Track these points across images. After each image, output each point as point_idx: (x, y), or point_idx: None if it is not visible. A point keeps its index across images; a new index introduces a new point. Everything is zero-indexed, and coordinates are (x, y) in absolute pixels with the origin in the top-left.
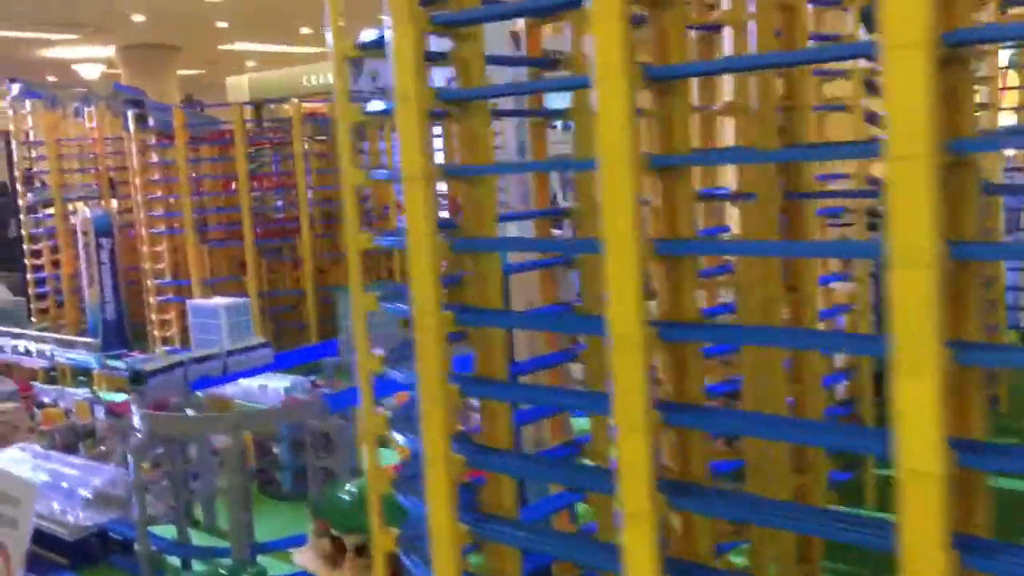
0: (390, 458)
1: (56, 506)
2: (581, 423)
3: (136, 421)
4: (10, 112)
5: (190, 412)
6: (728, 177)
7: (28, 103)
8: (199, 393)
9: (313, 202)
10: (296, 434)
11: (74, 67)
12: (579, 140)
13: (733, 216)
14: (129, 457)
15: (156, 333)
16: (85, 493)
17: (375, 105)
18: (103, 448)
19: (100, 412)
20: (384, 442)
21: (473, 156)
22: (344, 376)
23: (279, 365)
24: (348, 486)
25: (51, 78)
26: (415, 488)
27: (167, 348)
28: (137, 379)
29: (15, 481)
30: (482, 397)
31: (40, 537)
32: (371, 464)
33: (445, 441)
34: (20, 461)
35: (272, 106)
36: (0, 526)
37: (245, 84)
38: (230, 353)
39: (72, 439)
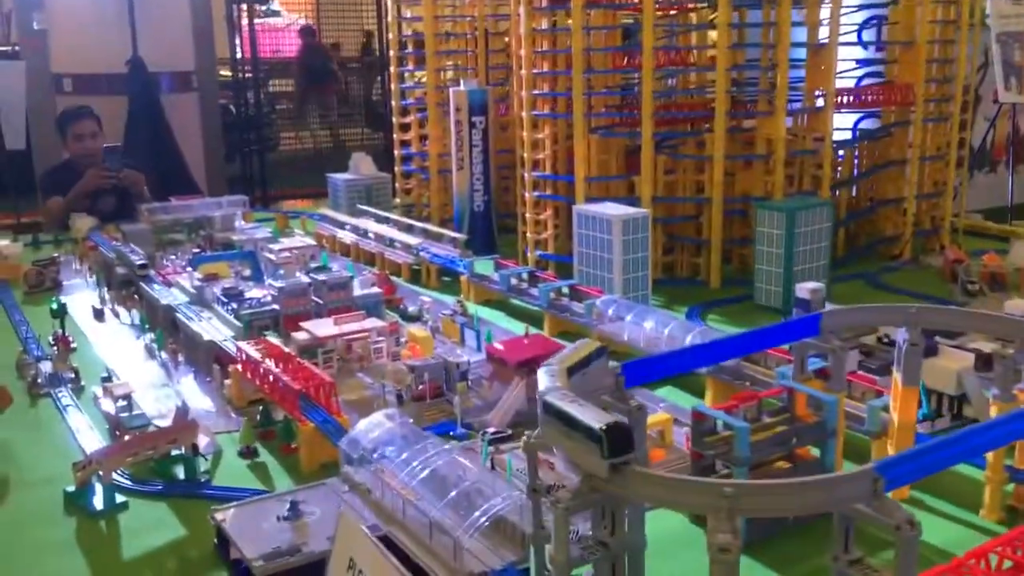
0: None
1: (440, 526)
2: None
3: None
4: None
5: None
6: None
7: None
8: (636, 398)
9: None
10: None
11: None
12: None
13: None
14: (550, 529)
15: (528, 234)
16: (480, 518)
17: None
18: (475, 398)
19: (470, 336)
20: None
21: None
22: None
23: (716, 355)
24: None
25: None
26: None
27: (539, 253)
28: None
29: (366, 546)
30: None
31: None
32: None
33: None
34: (385, 442)
35: None
36: None
37: None
38: None
39: (440, 378)
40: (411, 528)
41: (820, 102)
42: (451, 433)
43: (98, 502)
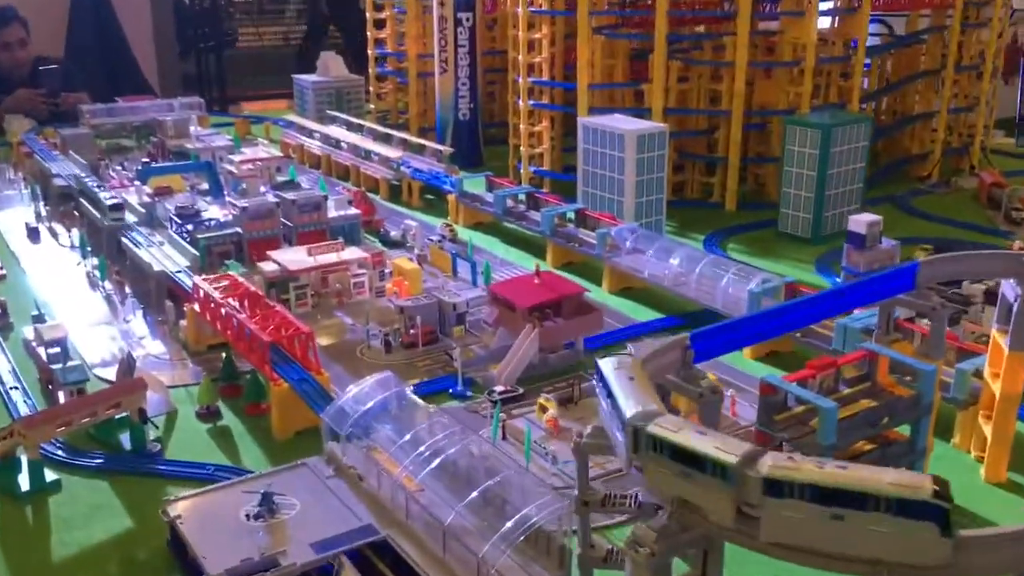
0: None
1: (458, 535)
2: None
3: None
4: None
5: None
6: None
7: None
8: (706, 374)
9: None
10: None
11: None
12: None
13: None
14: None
15: (522, 148)
16: (513, 531)
17: None
18: (476, 346)
19: (463, 267)
20: None
21: None
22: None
23: (799, 319)
24: None
25: None
26: None
27: (533, 169)
28: None
29: None
30: None
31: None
32: None
33: None
34: (379, 415)
35: None
36: None
37: None
38: None
39: (434, 321)
40: (418, 533)
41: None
42: (451, 391)
43: (23, 481)
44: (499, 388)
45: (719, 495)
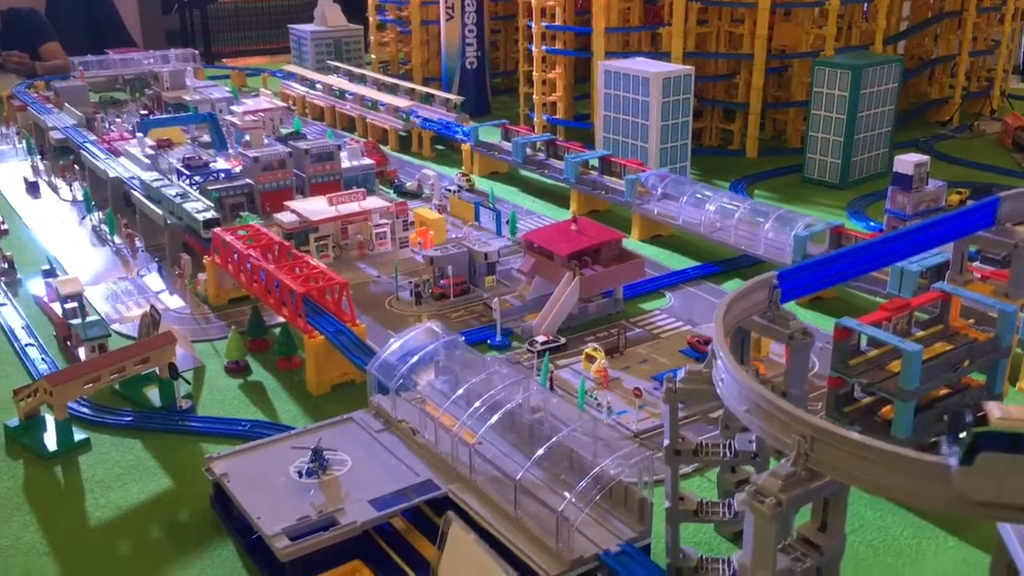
0: None
1: (530, 490)
2: None
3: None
4: None
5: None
6: None
7: None
8: (790, 314)
9: None
10: None
11: None
12: None
13: None
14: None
15: (535, 96)
16: (592, 489)
17: None
18: (510, 297)
19: (485, 217)
20: None
21: None
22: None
23: (883, 257)
24: None
25: None
26: None
27: (547, 117)
28: None
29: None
30: None
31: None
32: None
33: None
34: (428, 366)
35: None
36: None
37: None
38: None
39: (465, 272)
40: (483, 489)
41: None
42: (489, 342)
43: (50, 441)
44: (540, 338)
45: None
